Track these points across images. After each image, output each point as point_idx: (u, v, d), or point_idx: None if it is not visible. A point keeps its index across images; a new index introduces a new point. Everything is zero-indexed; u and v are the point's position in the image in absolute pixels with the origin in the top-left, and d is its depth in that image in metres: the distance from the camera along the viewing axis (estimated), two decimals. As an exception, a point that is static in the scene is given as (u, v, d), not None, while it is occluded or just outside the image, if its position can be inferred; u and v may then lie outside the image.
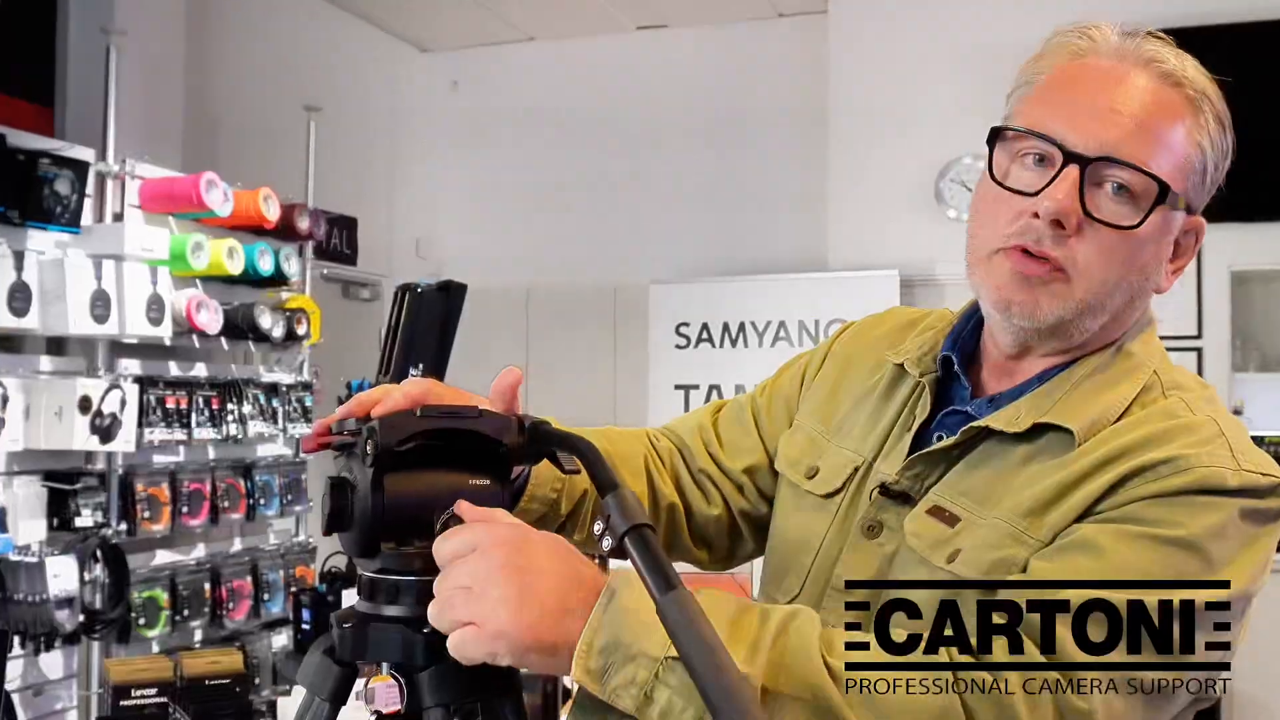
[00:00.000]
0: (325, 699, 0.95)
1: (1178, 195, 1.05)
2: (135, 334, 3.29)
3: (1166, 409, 1.05)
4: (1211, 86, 1.10)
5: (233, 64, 5.50)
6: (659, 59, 6.70)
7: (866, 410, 1.22)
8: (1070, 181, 1.02)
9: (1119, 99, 1.04)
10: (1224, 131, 1.10)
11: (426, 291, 2.97)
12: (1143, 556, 0.95)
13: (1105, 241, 1.03)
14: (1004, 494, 1.04)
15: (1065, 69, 1.09)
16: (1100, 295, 1.05)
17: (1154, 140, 1.03)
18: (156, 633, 3.41)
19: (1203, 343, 5.49)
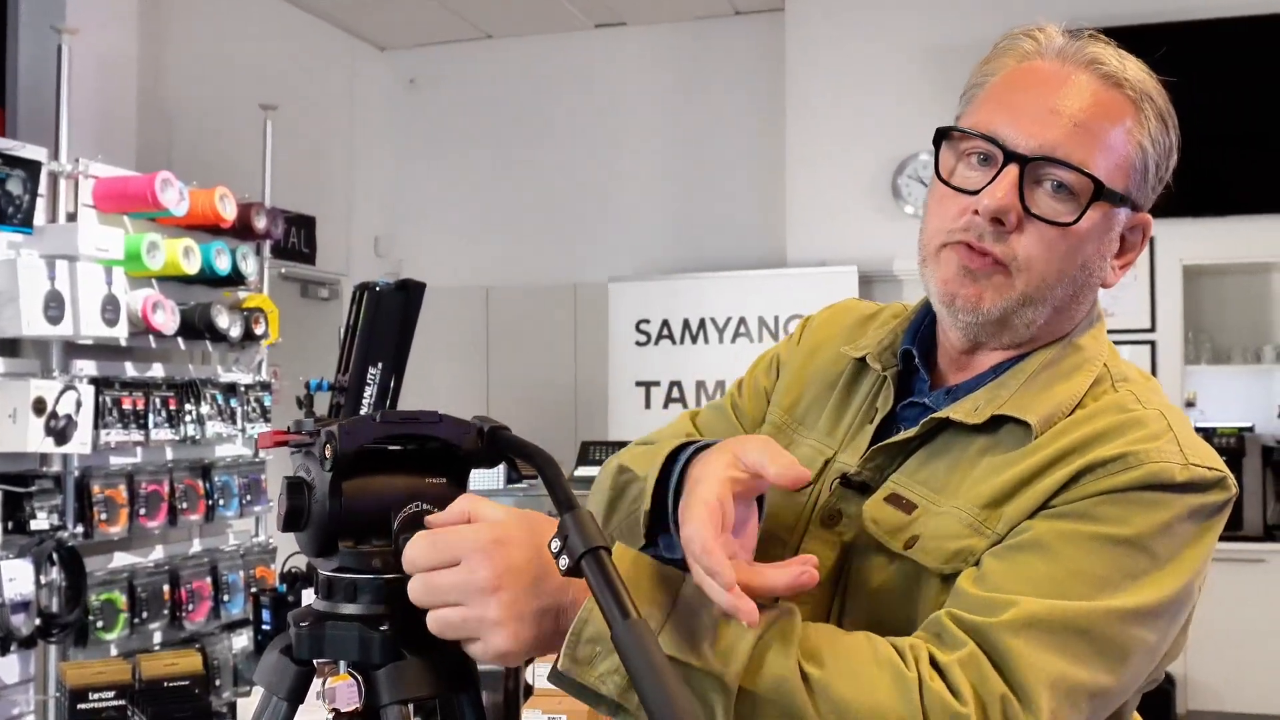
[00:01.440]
0: (283, 698, 0.95)
1: (1117, 193, 1.08)
2: (90, 335, 3.26)
3: (1118, 401, 1.08)
4: (1154, 86, 1.12)
5: (187, 62, 5.46)
6: (617, 57, 6.71)
7: (830, 403, 1.24)
8: (1010, 180, 1.06)
9: (1060, 100, 1.07)
10: (1167, 130, 1.12)
11: (385, 291, 2.97)
12: (1092, 558, 0.98)
13: (1045, 237, 1.07)
14: (961, 483, 1.07)
15: (1012, 72, 1.12)
16: (1041, 289, 1.08)
17: (1092, 140, 1.06)
18: (115, 635, 3.38)
19: (1156, 336, 5.57)
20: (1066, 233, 1.07)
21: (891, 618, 1.06)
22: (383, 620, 0.92)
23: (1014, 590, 0.96)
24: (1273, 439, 5.66)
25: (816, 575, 0.92)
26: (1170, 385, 5.55)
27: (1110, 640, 0.97)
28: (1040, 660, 0.93)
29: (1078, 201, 1.06)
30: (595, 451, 5.25)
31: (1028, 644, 0.94)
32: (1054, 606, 0.95)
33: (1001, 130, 1.08)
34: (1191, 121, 4.84)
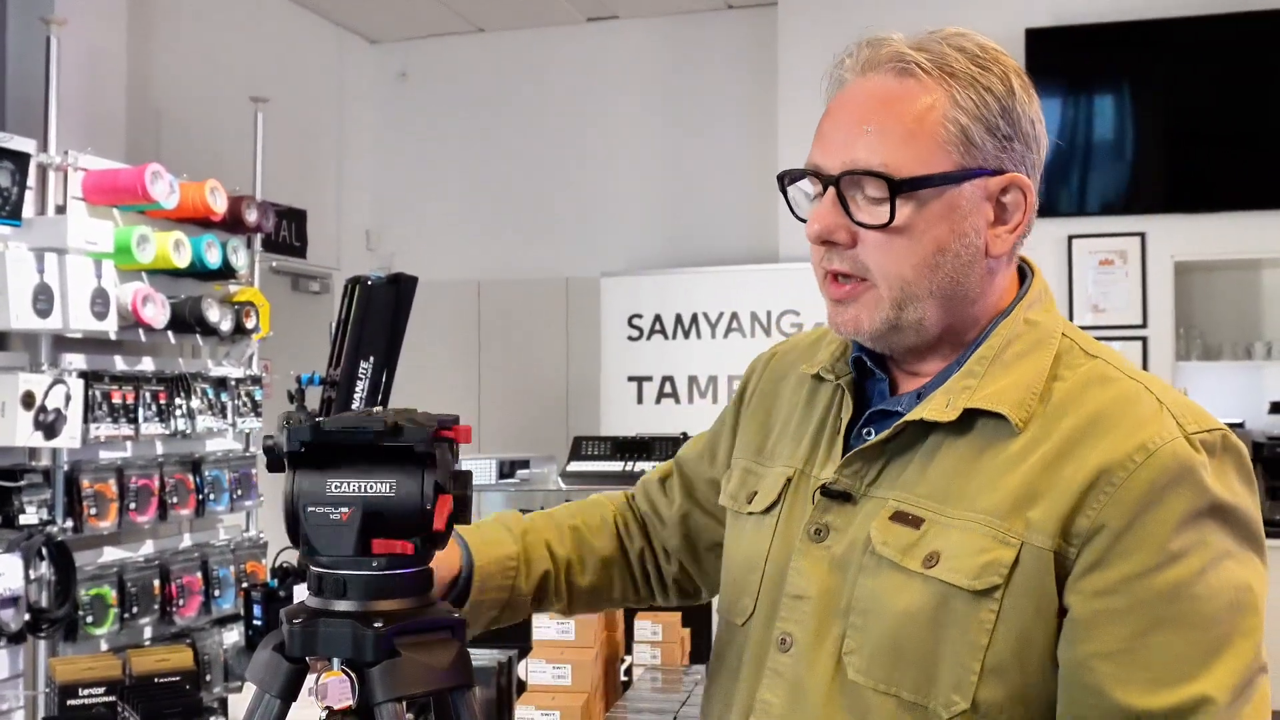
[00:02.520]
0: (276, 696, 0.95)
1: (934, 176, 1.07)
2: (80, 328, 3.24)
3: (1098, 372, 1.08)
4: (955, 54, 1.10)
5: (176, 54, 5.43)
6: (609, 51, 6.69)
7: (791, 426, 1.26)
8: (828, 202, 1.10)
9: (857, 112, 1.10)
10: (988, 92, 1.09)
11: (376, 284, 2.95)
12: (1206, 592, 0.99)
13: (880, 241, 1.08)
14: (965, 491, 1.06)
15: (831, 100, 1.16)
16: (907, 287, 1.09)
17: (885, 139, 1.07)
18: (105, 631, 3.37)
19: (1147, 332, 5.58)
20: (897, 230, 1.08)
21: (916, 640, 1.05)
22: (376, 617, 0.91)
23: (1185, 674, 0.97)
24: (1263, 435, 5.67)
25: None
26: (1161, 381, 5.55)
27: (1259, 659, 1.00)
28: None
29: (889, 200, 1.07)
30: (587, 446, 5.23)
31: None
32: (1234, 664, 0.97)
33: (816, 160, 1.12)
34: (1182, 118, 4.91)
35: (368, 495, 0.92)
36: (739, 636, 1.20)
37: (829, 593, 1.11)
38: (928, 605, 1.04)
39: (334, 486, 0.92)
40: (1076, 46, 5.60)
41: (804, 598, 1.13)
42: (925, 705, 1.04)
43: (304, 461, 0.94)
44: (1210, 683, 0.96)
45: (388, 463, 0.93)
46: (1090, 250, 5.62)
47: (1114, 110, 5.69)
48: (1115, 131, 5.67)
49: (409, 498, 0.93)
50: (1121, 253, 5.59)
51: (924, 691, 1.04)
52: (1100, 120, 5.69)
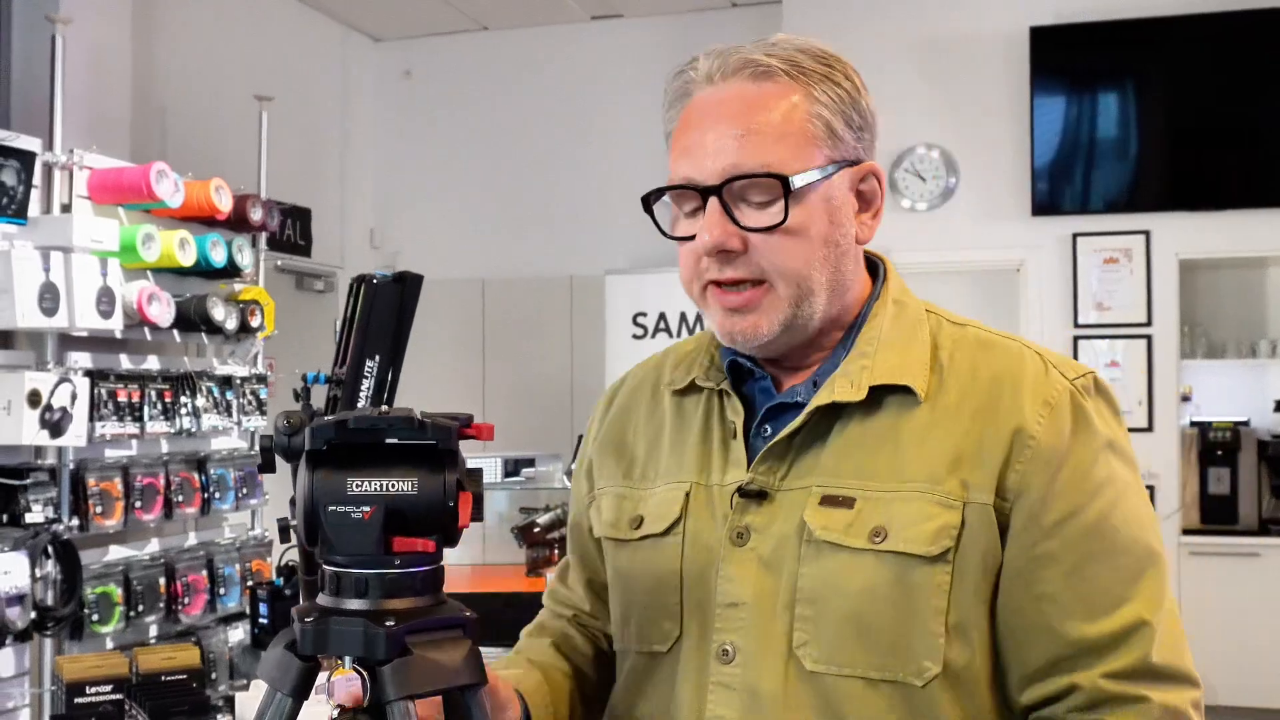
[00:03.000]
0: (288, 694, 0.94)
1: (814, 169, 1.11)
2: (85, 327, 3.24)
3: (979, 338, 1.18)
4: (804, 54, 1.14)
5: (181, 53, 5.43)
6: (613, 49, 6.69)
7: (665, 445, 1.24)
8: (715, 212, 1.11)
9: (722, 120, 1.11)
10: (839, 86, 1.14)
11: (382, 283, 2.95)
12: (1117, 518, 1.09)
13: (773, 242, 1.11)
14: (889, 465, 1.10)
15: (683, 113, 1.16)
16: (802, 284, 1.12)
17: (763, 141, 1.10)
18: (110, 629, 3.37)
19: (1152, 330, 5.57)
20: (788, 230, 1.11)
21: (880, 614, 1.07)
22: (387, 616, 0.91)
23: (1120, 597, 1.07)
24: (1267, 433, 5.67)
25: None
26: (1166, 380, 5.56)
27: (1168, 570, 1.12)
28: (1176, 640, 1.08)
29: (777, 200, 1.10)
30: (591, 445, 5.23)
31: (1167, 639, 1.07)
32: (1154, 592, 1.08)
33: (688, 172, 1.13)
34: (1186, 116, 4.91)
35: (389, 494, 0.92)
36: (664, 664, 1.18)
37: (765, 593, 1.11)
38: (887, 579, 1.07)
39: (355, 485, 0.92)
40: (1081, 44, 5.59)
41: (740, 604, 1.12)
42: (894, 679, 1.07)
43: (324, 461, 0.93)
44: (1140, 604, 1.07)
45: (409, 461, 0.93)
46: (1095, 248, 5.61)
47: (1118, 107, 5.69)
48: (1119, 129, 5.67)
49: (433, 496, 0.93)
50: (1126, 250, 5.58)
51: (891, 666, 1.07)
52: (1104, 117, 5.69)
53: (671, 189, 1.15)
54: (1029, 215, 5.67)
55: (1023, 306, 5.80)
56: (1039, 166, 5.64)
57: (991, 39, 5.75)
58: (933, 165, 5.82)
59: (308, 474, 0.93)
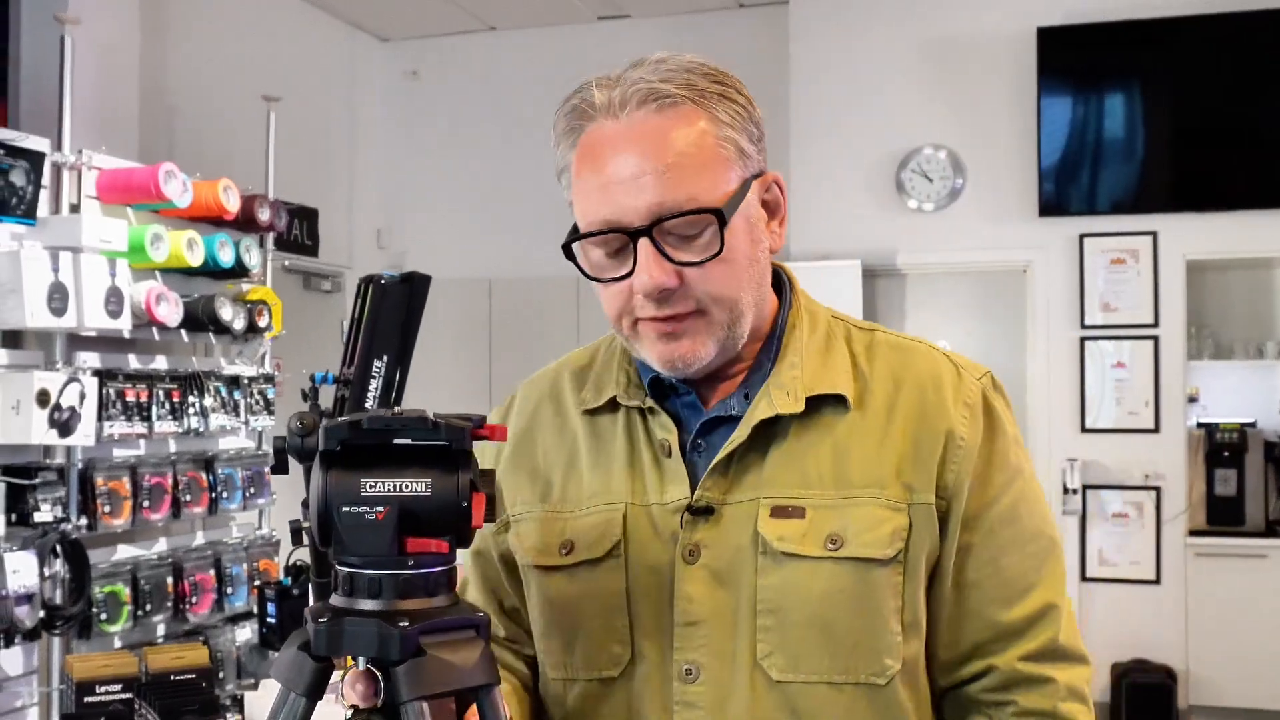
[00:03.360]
0: (301, 694, 0.95)
1: (734, 193, 1.11)
2: (94, 326, 3.25)
3: (890, 343, 1.21)
4: (702, 75, 1.12)
5: (189, 53, 5.44)
6: (620, 49, 6.64)
7: (583, 466, 1.22)
8: (647, 254, 1.09)
9: (636, 156, 1.09)
10: (735, 102, 1.14)
11: (390, 283, 2.96)
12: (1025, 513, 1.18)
13: (709, 273, 1.10)
14: (831, 474, 1.13)
15: (583, 147, 1.13)
16: (735, 308, 1.13)
17: (686, 174, 1.09)
18: (118, 628, 3.38)
19: (1159, 331, 5.56)
20: (720, 259, 1.10)
21: (842, 618, 1.09)
22: (402, 616, 0.92)
23: (1030, 582, 1.15)
24: (1274, 434, 5.66)
25: None
26: (1173, 381, 5.55)
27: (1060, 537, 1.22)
28: (1071, 625, 1.17)
29: (711, 230, 1.09)
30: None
31: (1068, 628, 1.16)
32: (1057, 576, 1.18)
33: (610, 214, 1.10)
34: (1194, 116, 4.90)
35: (403, 495, 0.92)
36: (617, 689, 1.16)
37: (723, 608, 1.12)
38: (848, 584, 1.10)
39: (369, 486, 0.92)
40: (1088, 45, 5.59)
41: (699, 622, 1.12)
42: (859, 681, 1.10)
43: (337, 461, 0.93)
44: (1047, 589, 1.16)
45: (422, 462, 0.93)
46: (1102, 249, 5.61)
47: (1125, 108, 5.68)
48: (1127, 129, 5.66)
49: (446, 496, 0.93)
50: (1133, 252, 5.57)
51: (855, 668, 1.10)
52: (1111, 118, 5.68)
53: (595, 234, 1.11)
54: (1036, 216, 5.67)
55: (1029, 307, 5.80)
56: (1046, 167, 5.63)
57: (999, 39, 5.75)
58: (940, 166, 5.82)
59: (321, 475, 0.93)
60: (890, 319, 5.88)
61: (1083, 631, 1.21)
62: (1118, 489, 5.59)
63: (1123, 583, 5.55)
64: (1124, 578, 5.55)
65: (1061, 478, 5.56)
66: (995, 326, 5.97)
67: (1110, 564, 5.57)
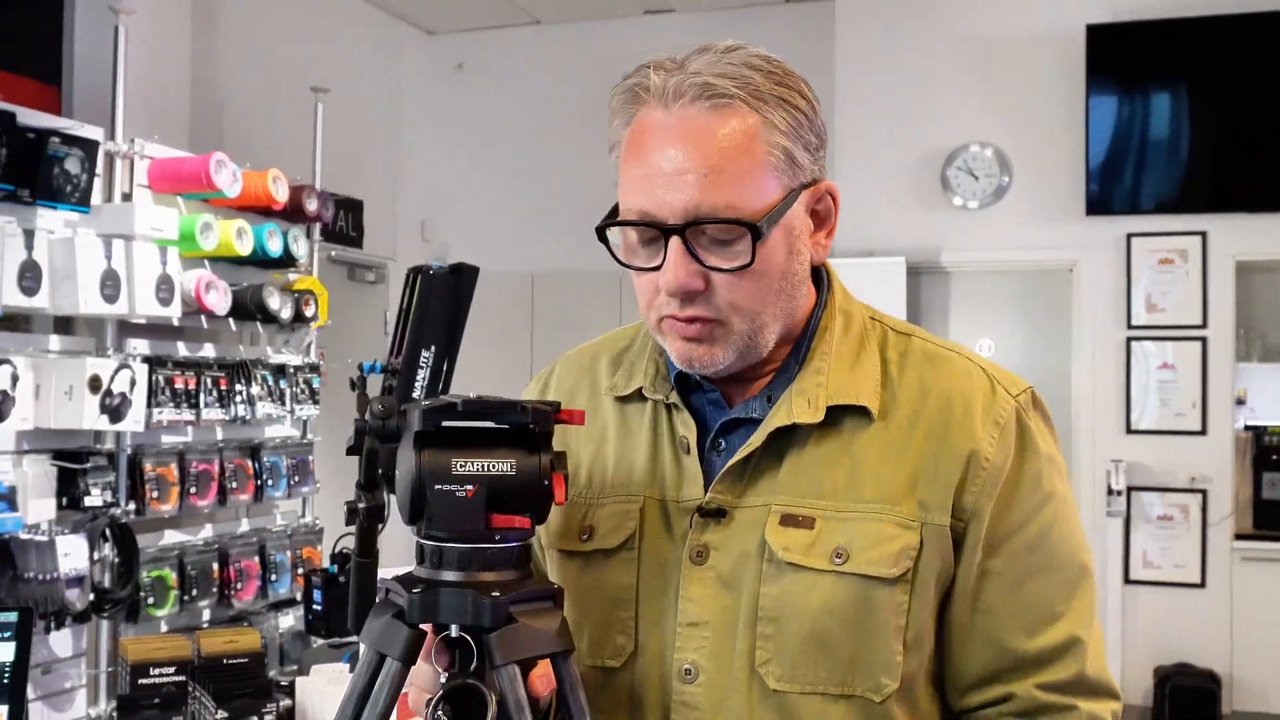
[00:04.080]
0: (398, 658, 0.99)
1: (778, 205, 1.08)
2: (145, 314, 3.28)
3: (925, 352, 1.17)
4: (763, 75, 1.09)
5: (238, 45, 5.49)
6: (666, 43, 6.62)
7: (610, 454, 1.22)
8: (676, 252, 1.07)
9: (680, 153, 1.07)
10: (795, 107, 1.10)
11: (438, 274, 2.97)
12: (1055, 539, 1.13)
13: (734, 282, 1.08)
14: (845, 486, 1.10)
15: (632, 133, 1.12)
16: (757, 319, 1.11)
17: (728, 180, 1.06)
18: (165, 612, 3.42)
19: (1207, 333, 5.50)
20: (752, 270, 1.08)
21: (839, 634, 1.08)
22: (493, 586, 0.98)
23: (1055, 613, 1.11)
24: (1324, 438, 5.58)
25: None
26: (1221, 382, 5.48)
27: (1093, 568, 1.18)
28: (1099, 647, 1.13)
29: (745, 240, 1.07)
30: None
31: (1095, 649, 1.12)
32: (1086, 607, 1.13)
33: (647, 206, 1.08)
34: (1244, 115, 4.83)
35: (491, 474, 0.98)
36: (619, 679, 1.16)
37: (725, 612, 1.11)
38: (849, 599, 1.08)
39: (459, 466, 0.98)
40: (1138, 42, 5.52)
41: (701, 624, 1.12)
42: (854, 694, 1.09)
43: (431, 442, 0.98)
44: (1075, 620, 1.12)
45: (507, 443, 0.99)
46: (1149, 249, 5.55)
47: (1175, 106, 5.61)
48: (1176, 128, 5.59)
49: (529, 476, 0.99)
50: (1182, 252, 5.51)
51: (851, 683, 1.08)
52: (1161, 117, 5.62)
53: (630, 223, 1.11)
54: (1083, 215, 5.62)
55: (1074, 307, 5.74)
56: (1094, 166, 5.58)
57: (1047, 36, 5.70)
58: (985, 163, 5.77)
59: (414, 454, 0.98)
60: (934, 317, 5.85)
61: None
62: (1162, 491, 5.52)
63: (1167, 586, 5.49)
64: (1168, 580, 5.49)
65: (1106, 479, 5.51)
66: (1040, 326, 5.91)
67: (1154, 567, 5.51)
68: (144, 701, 2.26)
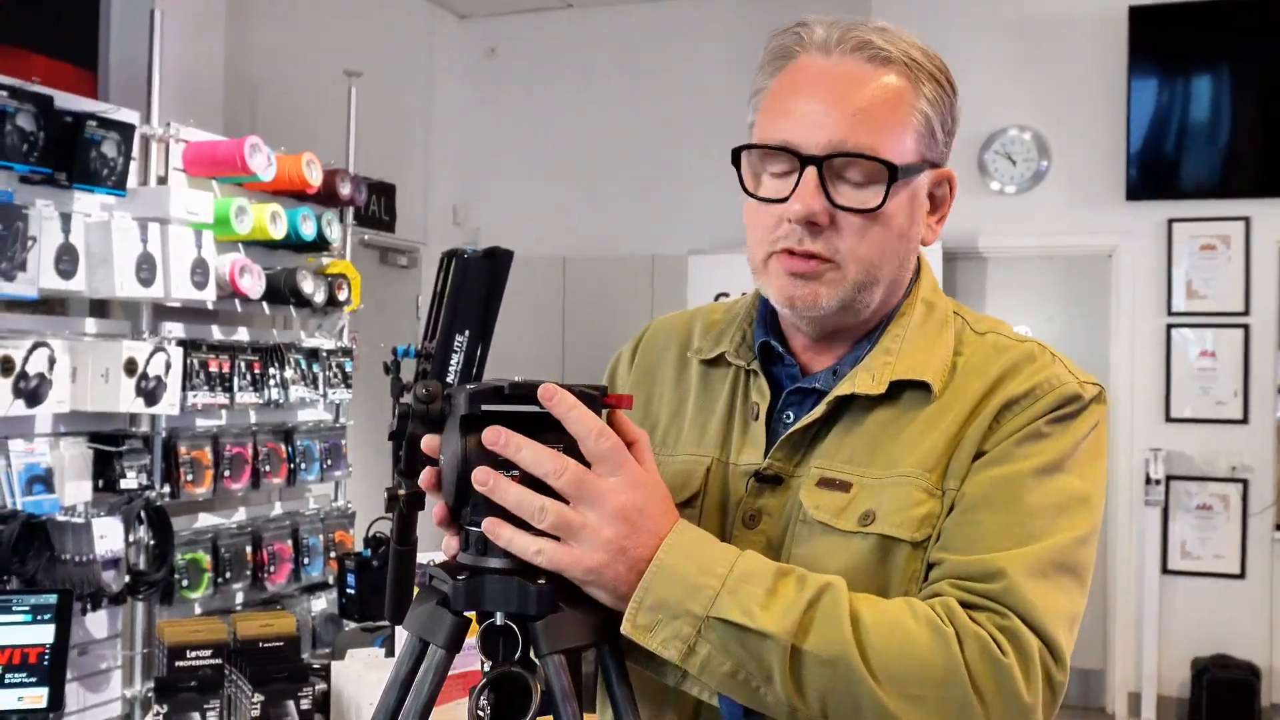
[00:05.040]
0: (441, 645, 0.98)
1: (912, 165, 1.11)
2: (180, 297, 3.29)
3: (994, 344, 1.16)
4: (921, 52, 1.13)
5: (272, 29, 5.49)
6: (698, 26, 6.64)
7: (688, 414, 1.25)
8: (810, 182, 1.09)
9: (836, 93, 1.10)
10: (942, 88, 1.14)
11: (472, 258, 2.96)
12: (1037, 493, 1.06)
13: (858, 225, 1.10)
14: (889, 453, 1.10)
15: (785, 74, 1.14)
16: (871, 271, 1.12)
17: (875, 123, 1.09)
18: (199, 595, 3.44)
19: (1249, 320, 5.42)
20: (877, 216, 1.10)
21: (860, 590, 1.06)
22: (540, 573, 0.95)
23: (992, 548, 1.03)
24: (1369, 428, 5.49)
25: None
26: (1263, 371, 5.40)
27: (1079, 565, 1.06)
28: (1051, 603, 1.01)
29: (878, 186, 1.09)
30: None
31: (1038, 591, 1.01)
32: (1038, 550, 1.03)
33: (790, 136, 1.10)
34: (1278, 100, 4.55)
35: None
36: None
37: None
38: (870, 560, 1.07)
39: None
40: (1180, 24, 5.43)
41: None
42: None
43: (478, 425, 0.96)
44: (1008, 559, 1.02)
45: (554, 427, 0.96)
46: (1191, 234, 5.47)
47: (1218, 90, 5.52)
48: (1219, 112, 5.50)
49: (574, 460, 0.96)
50: (1224, 238, 5.42)
51: None
52: (1204, 100, 5.53)
53: (769, 148, 1.12)
54: (1123, 200, 5.54)
55: (1114, 293, 5.67)
56: (1134, 150, 5.50)
57: (1088, 18, 5.61)
58: (1024, 148, 5.70)
59: (460, 438, 0.96)
60: (970, 303, 5.74)
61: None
62: (1202, 480, 5.45)
63: (1205, 576, 5.42)
64: (1207, 571, 5.42)
65: (1144, 468, 5.44)
66: (1078, 312, 5.84)
67: (1193, 557, 5.44)
68: (181, 684, 2.27)
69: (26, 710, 2.38)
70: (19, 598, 2.39)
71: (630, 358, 1.36)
